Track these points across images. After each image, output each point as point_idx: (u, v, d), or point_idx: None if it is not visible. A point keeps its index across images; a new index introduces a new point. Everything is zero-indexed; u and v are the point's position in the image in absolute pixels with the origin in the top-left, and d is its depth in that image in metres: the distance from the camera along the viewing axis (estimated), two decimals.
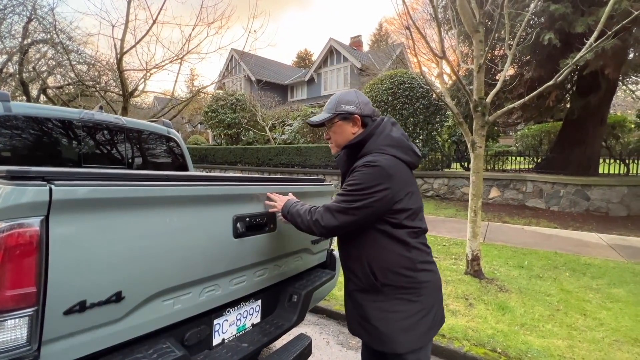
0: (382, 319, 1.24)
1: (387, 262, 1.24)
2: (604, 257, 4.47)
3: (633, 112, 15.60)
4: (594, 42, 2.82)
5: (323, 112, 1.40)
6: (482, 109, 3.37)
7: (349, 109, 1.33)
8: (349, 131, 1.35)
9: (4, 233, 0.86)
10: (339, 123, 1.35)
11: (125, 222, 1.02)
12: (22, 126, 2.25)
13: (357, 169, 1.23)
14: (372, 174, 1.19)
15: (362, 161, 1.24)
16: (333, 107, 1.35)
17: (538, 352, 2.37)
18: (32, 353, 0.88)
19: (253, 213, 1.45)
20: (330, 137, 1.40)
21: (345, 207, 1.21)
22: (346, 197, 1.22)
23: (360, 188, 1.19)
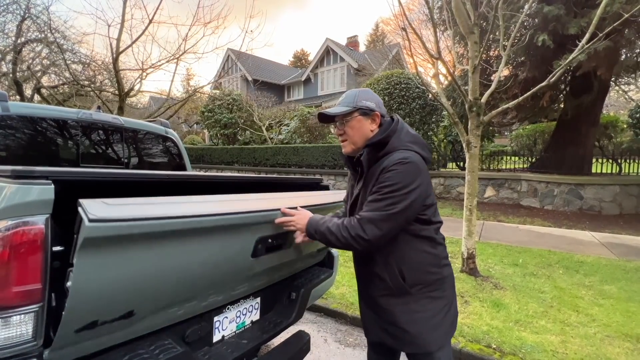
0: (411, 321, 1.22)
1: (416, 262, 1.21)
2: (596, 255, 4.55)
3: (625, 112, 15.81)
4: (586, 43, 2.87)
5: (338, 106, 1.29)
6: (477, 109, 3.42)
7: (370, 105, 1.26)
8: (368, 128, 1.26)
9: (9, 231, 0.87)
10: (359, 118, 1.26)
11: (152, 253, 0.97)
12: (20, 126, 2.25)
13: (389, 169, 1.15)
14: (408, 172, 1.14)
15: (392, 160, 1.16)
16: (352, 101, 1.26)
17: (532, 347, 2.42)
18: (37, 349, 0.90)
19: (276, 234, 1.39)
20: (344, 132, 1.28)
21: (388, 213, 1.12)
22: (387, 201, 1.13)
23: (398, 188, 1.12)
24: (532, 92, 3.24)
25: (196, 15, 7.27)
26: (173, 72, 8.15)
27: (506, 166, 9.72)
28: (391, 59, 18.27)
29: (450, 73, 3.53)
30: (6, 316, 0.86)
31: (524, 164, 9.61)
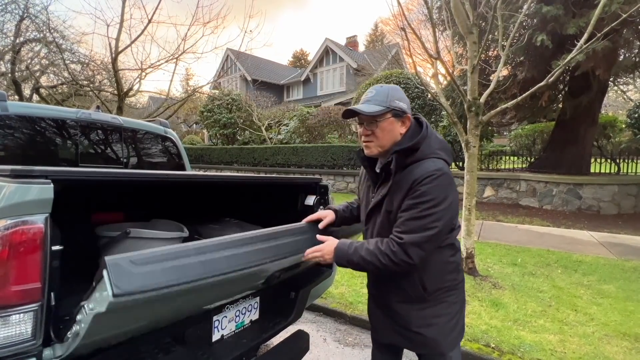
0: (427, 325, 1.21)
1: (438, 271, 1.20)
2: (595, 255, 4.56)
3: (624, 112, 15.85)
4: (584, 43, 2.88)
5: (368, 103, 1.19)
6: (476, 109, 3.43)
7: (403, 106, 1.18)
8: (398, 131, 1.19)
9: (8, 230, 0.88)
10: (391, 120, 1.17)
11: (167, 305, 0.94)
12: (19, 126, 2.25)
13: (424, 182, 1.08)
14: (444, 185, 1.10)
15: (425, 170, 1.10)
16: (385, 100, 1.16)
17: (530, 346, 2.42)
18: (36, 347, 0.90)
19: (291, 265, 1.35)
20: (372, 133, 1.19)
21: (431, 233, 1.07)
22: (428, 219, 1.07)
23: (438, 203, 1.08)
24: (530, 91, 3.24)
25: (195, 15, 7.27)
26: (172, 72, 8.16)
27: (505, 166, 9.74)
28: (390, 59, 18.29)
29: (449, 73, 3.53)
30: (5, 315, 0.86)
31: (522, 164, 9.63)
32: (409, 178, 1.12)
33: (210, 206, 2.72)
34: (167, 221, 1.65)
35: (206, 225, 2.00)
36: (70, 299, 1.27)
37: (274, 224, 2.28)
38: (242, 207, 2.56)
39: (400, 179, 1.15)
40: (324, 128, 12.72)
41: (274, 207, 2.44)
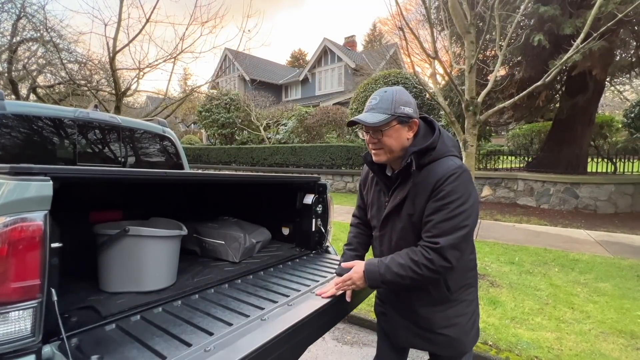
0: (451, 326, 1.21)
1: (461, 269, 1.19)
2: (591, 253, 4.59)
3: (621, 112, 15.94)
4: (580, 43, 2.90)
5: (372, 111, 1.15)
6: (474, 109, 3.45)
7: (409, 111, 1.14)
8: (405, 137, 1.17)
9: (7, 227, 0.88)
10: (397, 127, 1.14)
11: None
12: (17, 125, 2.24)
13: (447, 181, 1.07)
14: (466, 181, 1.09)
15: (446, 169, 1.09)
16: (390, 108, 1.13)
17: (528, 344, 2.44)
18: (36, 344, 0.90)
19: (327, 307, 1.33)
20: (379, 141, 1.16)
21: (465, 232, 1.07)
22: (459, 217, 1.06)
23: (465, 200, 1.08)
24: (528, 91, 3.26)
25: (193, 15, 7.24)
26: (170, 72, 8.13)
27: (503, 165, 9.78)
28: (388, 59, 18.32)
29: (447, 73, 3.55)
30: (4, 312, 0.87)
31: (520, 164, 9.67)
32: (429, 178, 1.10)
33: (208, 205, 2.73)
34: (165, 219, 1.66)
35: (205, 224, 2.00)
36: (67, 297, 1.27)
37: (272, 223, 2.29)
38: (240, 206, 2.57)
39: (420, 180, 1.12)
40: (322, 128, 12.73)
41: (272, 205, 2.45)
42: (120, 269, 1.37)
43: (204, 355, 0.95)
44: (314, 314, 1.26)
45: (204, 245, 1.95)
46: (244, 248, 1.88)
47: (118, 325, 1.12)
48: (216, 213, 2.33)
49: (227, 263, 1.86)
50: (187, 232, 1.57)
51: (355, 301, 1.65)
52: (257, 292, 1.46)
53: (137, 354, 0.95)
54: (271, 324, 1.15)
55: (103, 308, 1.20)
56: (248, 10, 12.79)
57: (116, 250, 1.35)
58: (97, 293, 1.37)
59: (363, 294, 1.70)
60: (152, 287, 1.39)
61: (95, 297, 1.32)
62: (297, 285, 1.57)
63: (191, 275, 1.63)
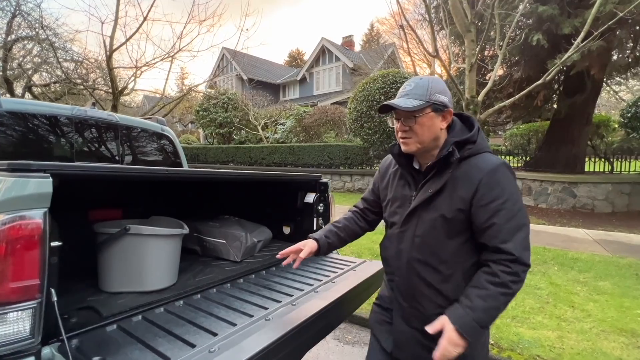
0: None
1: (476, 266, 1.08)
2: (590, 252, 4.60)
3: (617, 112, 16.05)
4: (580, 42, 2.91)
5: (405, 97, 1.08)
6: (474, 107, 3.44)
7: (444, 100, 1.07)
8: (438, 126, 1.08)
9: (6, 225, 0.85)
10: (431, 115, 1.06)
11: None
12: (13, 123, 2.20)
13: (497, 178, 1.01)
14: (512, 178, 1.05)
15: (492, 165, 1.03)
16: (425, 94, 1.06)
17: (529, 342, 2.43)
18: (35, 346, 0.88)
19: None
20: (410, 129, 1.08)
21: (528, 229, 1.01)
22: (519, 215, 1.00)
23: (518, 197, 1.03)
24: (527, 90, 3.27)
25: (191, 13, 7.21)
26: (168, 71, 8.07)
27: None
28: (386, 58, 18.33)
29: (447, 71, 3.55)
30: (3, 313, 0.84)
31: (518, 163, 9.72)
32: (472, 172, 1.03)
33: (208, 204, 2.70)
34: (166, 218, 1.63)
35: (205, 223, 1.98)
36: (66, 297, 1.25)
37: (273, 222, 2.26)
38: (240, 205, 2.54)
39: (460, 174, 1.04)
40: (320, 127, 12.71)
41: (273, 204, 2.43)
42: (121, 269, 1.34)
43: (209, 356, 0.93)
44: (318, 314, 1.25)
45: (204, 244, 1.93)
46: (245, 247, 1.86)
47: (119, 326, 1.10)
48: (216, 212, 2.31)
49: (228, 262, 1.84)
50: (188, 231, 1.54)
51: (358, 301, 1.63)
52: (260, 292, 1.44)
53: (140, 355, 0.93)
54: (276, 324, 1.14)
55: (103, 308, 1.18)
56: (246, 9, 12.76)
57: (117, 250, 1.33)
58: (96, 293, 1.34)
59: (365, 293, 1.68)
60: (153, 287, 1.37)
61: (95, 298, 1.30)
62: (300, 284, 1.56)
63: (192, 274, 1.61)
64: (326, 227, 1.36)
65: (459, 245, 1.06)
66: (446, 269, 1.06)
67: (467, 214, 1.03)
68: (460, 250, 1.06)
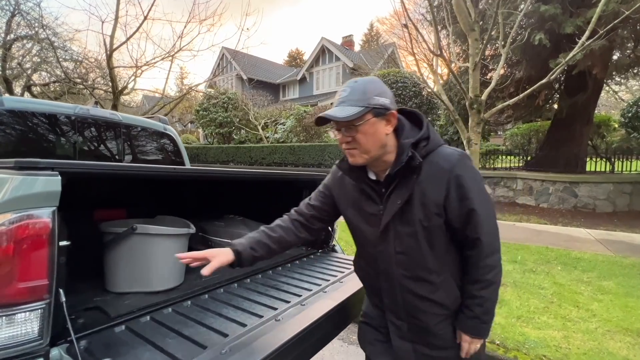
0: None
1: (460, 262, 1.06)
2: (593, 252, 4.59)
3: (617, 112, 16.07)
4: (586, 40, 2.89)
5: (342, 105, 0.98)
6: (478, 107, 3.43)
7: (385, 102, 0.97)
8: (383, 132, 0.98)
9: (13, 224, 0.83)
10: (372, 121, 0.96)
11: None
12: (15, 121, 2.18)
13: (463, 174, 0.97)
14: (473, 166, 1.02)
15: (454, 158, 0.98)
16: (363, 99, 0.96)
17: (535, 342, 2.42)
18: (43, 347, 0.86)
19: None
20: (353, 139, 0.98)
21: (495, 217, 1.03)
22: (489, 206, 1.01)
23: (483, 185, 1.03)
24: (532, 89, 3.26)
25: (192, 12, 7.18)
26: (168, 70, 8.06)
27: (502, 165, 9.81)
28: (387, 58, 18.32)
29: (451, 70, 3.53)
30: (11, 314, 0.82)
31: (518, 163, 9.71)
32: (435, 170, 0.97)
33: (212, 203, 2.68)
34: (172, 217, 1.61)
35: (211, 223, 1.96)
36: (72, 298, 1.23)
37: None
38: (244, 204, 2.52)
39: (425, 175, 0.98)
40: (320, 127, 12.70)
41: (277, 203, 2.40)
42: (128, 269, 1.32)
43: (221, 358, 0.91)
44: (328, 314, 1.23)
45: (210, 244, 1.91)
46: None
47: (127, 327, 1.08)
48: (220, 211, 2.29)
49: None
50: (195, 230, 1.52)
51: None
52: (267, 292, 1.42)
53: (150, 356, 0.91)
54: (286, 324, 1.12)
55: (111, 309, 1.16)
56: (247, 9, 12.74)
57: (123, 249, 1.31)
58: (103, 294, 1.32)
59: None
60: (160, 287, 1.35)
61: (101, 298, 1.28)
62: (307, 284, 1.54)
63: (198, 274, 1.58)
64: (255, 235, 1.17)
65: (444, 250, 1.02)
66: (436, 277, 1.02)
67: (443, 216, 0.98)
68: (446, 254, 1.03)
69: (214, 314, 1.19)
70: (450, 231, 1.01)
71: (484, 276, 0.99)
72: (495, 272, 1.01)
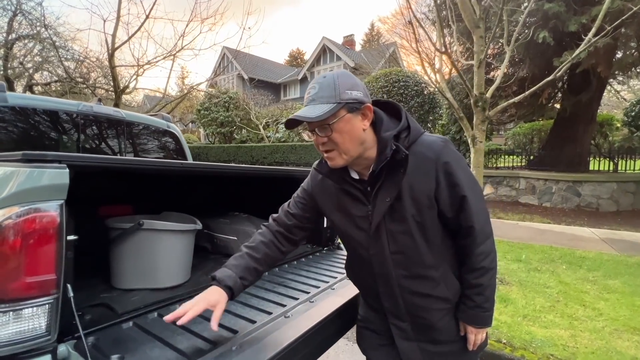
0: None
1: (456, 251, 1.03)
2: (597, 251, 4.57)
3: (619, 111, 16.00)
4: (592, 37, 2.87)
5: (312, 103, 0.91)
6: (483, 104, 3.41)
7: (358, 95, 0.91)
8: (360, 128, 0.92)
9: (20, 218, 0.82)
10: (347, 117, 0.90)
11: None
12: (18, 118, 2.17)
13: (449, 162, 0.93)
14: (457, 152, 0.98)
15: (436, 145, 0.94)
16: (333, 95, 0.89)
17: (542, 342, 2.40)
18: (51, 344, 0.84)
19: None
20: (329, 139, 0.91)
21: (485, 206, 1.00)
22: (478, 190, 0.98)
23: (469, 170, 0.99)
24: (538, 86, 3.24)
25: (194, 11, 7.16)
26: (169, 69, 8.05)
27: (504, 164, 9.78)
28: (388, 57, 18.29)
29: (455, 67, 3.51)
30: (18, 309, 0.80)
31: (521, 162, 9.68)
32: (422, 164, 0.93)
33: (216, 200, 2.66)
34: (178, 214, 1.60)
35: (215, 219, 1.94)
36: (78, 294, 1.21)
37: None
38: (248, 201, 2.51)
39: (411, 168, 0.92)
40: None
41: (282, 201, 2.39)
42: (134, 265, 1.30)
43: (231, 355, 0.89)
44: (338, 311, 1.21)
45: (215, 241, 1.89)
46: None
47: (135, 323, 1.06)
48: (225, 208, 2.27)
49: None
50: (201, 227, 1.51)
51: None
52: (275, 289, 1.40)
53: (160, 353, 0.90)
54: (296, 321, 1.10)
55: (118, 305, 1.14)
56: (248, 8, 12.72)
57: (129, 245, 1.29)
58: (109, 290, 1.31)
59: None
60: (166, 284, 1.33)
61: (107, 294, 1.26)
62: (315, 281, 1.52)
63: (205, 271, 1.57)
64: (241, 261, 1.07)
65: (439, 242, 0.98)
66: (435, 272, 0.98)
67: (435, 208, 0.95)
68: (442, 247, 0.99)
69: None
70: (443, 221, 0.97)
71: (480, 263, 0.97)
72: (491, 258, 0.99)
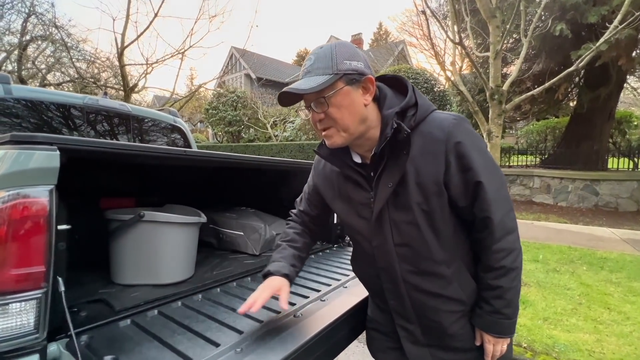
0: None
1: (472, 247, 0.91)
2: (619, 251, 4.36)
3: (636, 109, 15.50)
4: (618, 24, 2.71)
5: (307, 75, 0.82)
6: (499, 97, 3.27)
7: (358, 66, 0.80)
8: (360, 101, 0.82)
9: (7, 203, 0.74)
10: (346, 90, 0.80)
11: None
12: (23, 110, 2.13)
13: (462, 142, 0.80)
14: (473, 130, 0.85)
15: (448, 124, 0.81)
16: (330, 65, 0.79)
17: (565, 346, 2.26)
18: (40, 342, 0.77)
19: None
20: (326, 115, 0.82)
21: (506, 185, 0.88)
22: (498, 175, 0.84)
23: (487, 151, 0.86)
24: (557, 78, 3.09)
25: (202, 9, 7.15)
26: (178, 68, 8.07)
27: (516, 163, 9.54)
28: (397, 55, 18.10)
29: (471, 59, 3.38)
30: (4, 303, 0.73)
31: (535, 161, 9.42)
32: (431, 145, 0.81)
33: (222, 194, 2.59)
34: (182, 206, 1.52)
35: (222, 214, 1.87)
36: (75, 289, 1.14)
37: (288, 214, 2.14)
38: (255, 196, 2.43)
39: (416, 151, 0.82)
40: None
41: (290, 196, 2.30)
42: (135, 259, 1.23)
43: (235, 357, 0.81)
44: (352, 311, 1.12)
45: (221, 236, 1.82)
46: (264, 240, 1.74)
47: (133, 321, 0.98)
48: (231, 203, 2.20)
49: (246, 255, 1.72)
50: (206, 220, 1.43)
51: None
52: None
53: (158, 354, 0.82)
54: (306, 321, 1.01)
55: (116, 302, 1.07)
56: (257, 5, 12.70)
57: (130, 239, 1.22)
58: (108, 285, 1.24)
59: None
60: (169, 280, 1.26)
61: (106, 290, 1.19)
62: (326, 279, 1.43)
63: (210, 267, 1.50)
64: (285, 252, 1.05)
65: (451, 235, 0.86)
66: (446, 269, 0.87)
67: (445, 195, 0.82)
68: (454, 240, 0.87)
69: (227, 308, 1.09)
70: (456, 212, 0.85)
71: (500, 262, 0.83)
72: (513, 256, 0.83)
